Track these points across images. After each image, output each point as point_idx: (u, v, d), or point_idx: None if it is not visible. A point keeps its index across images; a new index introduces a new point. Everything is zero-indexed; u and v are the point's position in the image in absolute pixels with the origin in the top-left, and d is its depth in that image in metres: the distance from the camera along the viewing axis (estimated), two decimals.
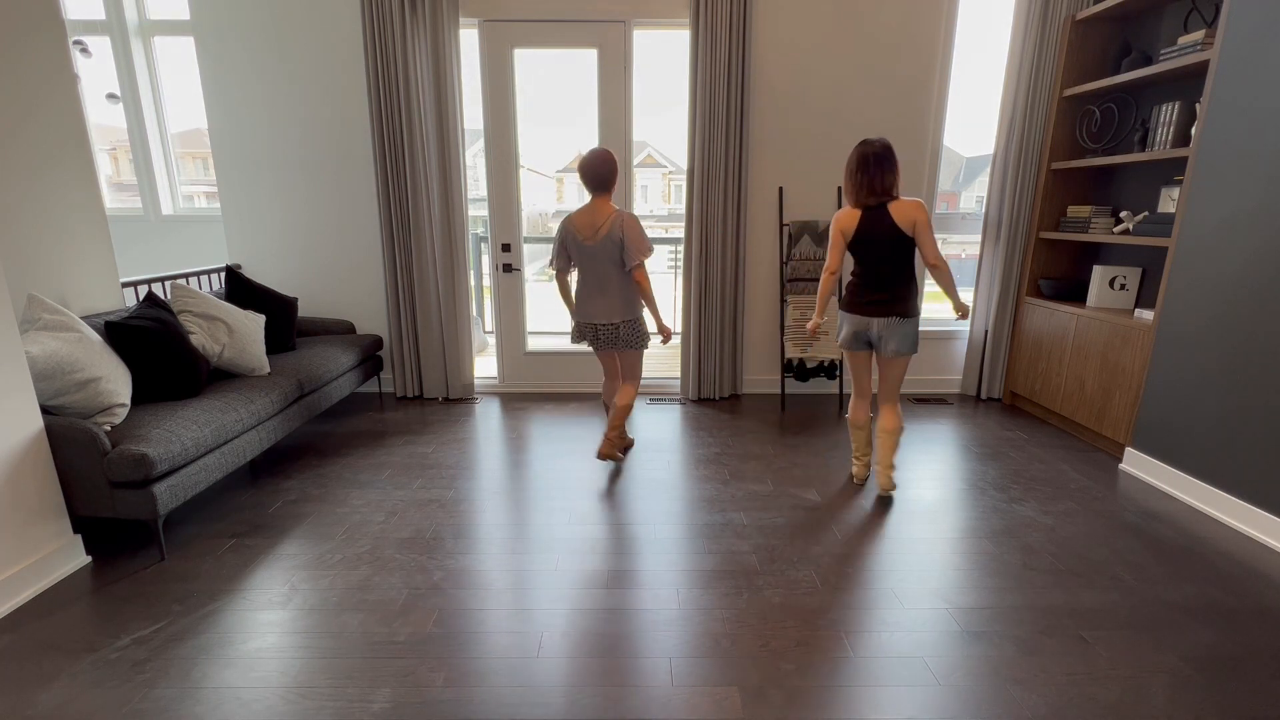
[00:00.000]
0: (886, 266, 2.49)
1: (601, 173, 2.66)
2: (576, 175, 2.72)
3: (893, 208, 2.43)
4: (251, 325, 2.98)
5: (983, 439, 3.37)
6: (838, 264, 2.59)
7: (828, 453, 3.19)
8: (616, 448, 2.99)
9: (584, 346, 2.98)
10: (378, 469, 2.99)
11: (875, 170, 2.43)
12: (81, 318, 2.51)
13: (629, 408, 2.90)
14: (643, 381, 4.27)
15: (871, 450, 2.84)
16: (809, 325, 2.75)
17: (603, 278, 2.74)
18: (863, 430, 2.80)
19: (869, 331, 2.56)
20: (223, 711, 1.56)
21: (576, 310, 2.86)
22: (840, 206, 3.88)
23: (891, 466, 2.71)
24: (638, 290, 2.77)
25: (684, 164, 3.76)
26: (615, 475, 2.93)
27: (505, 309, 4.11)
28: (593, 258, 2.72)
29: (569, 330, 2.94)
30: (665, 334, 2.82)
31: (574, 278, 2.88)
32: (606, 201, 2.72)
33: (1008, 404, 3.98)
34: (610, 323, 2.79)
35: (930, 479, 2.89)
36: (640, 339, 2.83)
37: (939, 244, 2.52)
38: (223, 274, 3.67)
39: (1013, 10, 3.60)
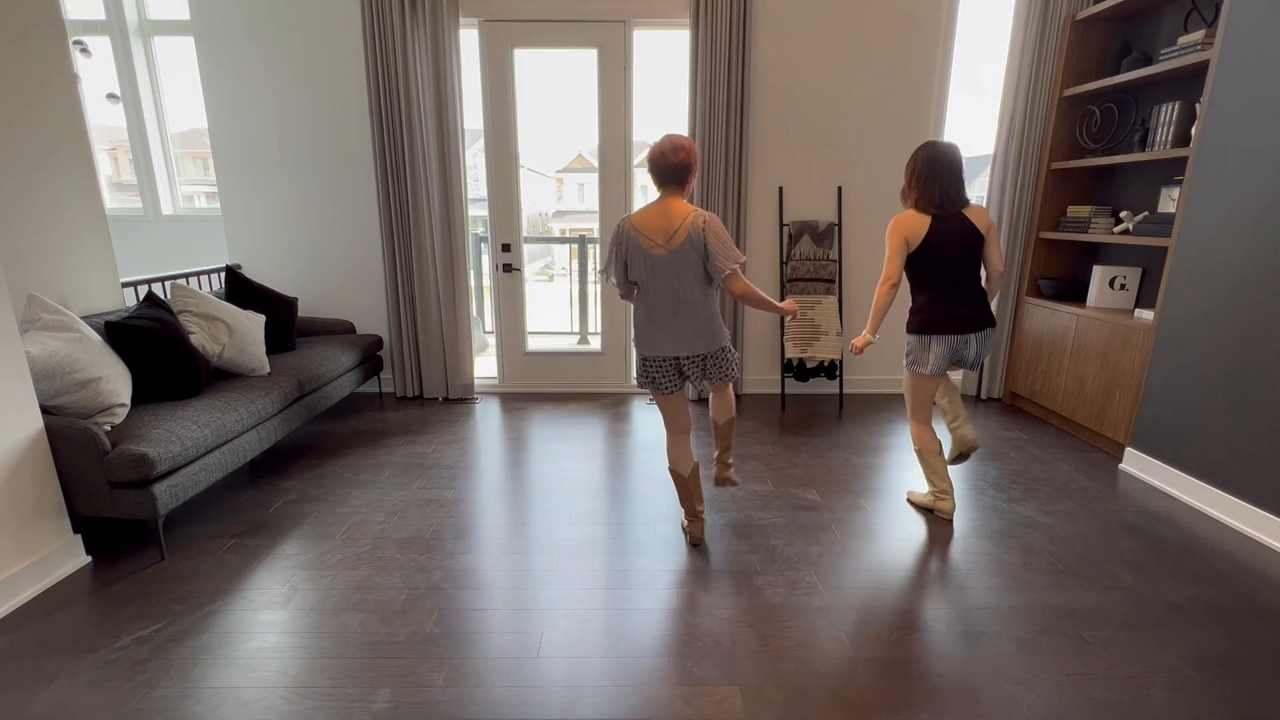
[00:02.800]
0: (969, 275, 2.30)
1: (672, 164, 2.08)
2: (577, 175, 2.58)
3: (970, 213, 2.26)
4: (251, 325, 2.98)
5: (982, 439, 3.37)
6: (898, 275, 2.30)
7: (828, 453, 3.19)
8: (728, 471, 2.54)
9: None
10: (378, 469, 2.99)
11: (950, 177, 2.23)
12: (81, 318, 2.51)
13: (734, 421, 2.46)
14: None
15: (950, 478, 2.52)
16: (856, 342, 2.38)
17: (680, 297, 2.12)
18: (941, 456, 2.46)
19: (966, 349, 2.33)
20: (223, 711, 1.56)
21: (646, 342, 2.20)
22: (841, 206, 3.89)
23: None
24: (744, 299, 2.20)
25: None
26: (615, 475, 2.93)
27: (505, 309, 4.11)
28: (665, 272, 2.10)
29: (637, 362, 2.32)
30: (791, 311, 2.30)
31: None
32: (679, 200, 2.12)
33: (1008, 404, 3.98)
34: (695, 354, 2.18)
35: None
36: (730, 370, 2.25)
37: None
38: (223, 274, 3.67)
39: (1013, 10, 3.60)
